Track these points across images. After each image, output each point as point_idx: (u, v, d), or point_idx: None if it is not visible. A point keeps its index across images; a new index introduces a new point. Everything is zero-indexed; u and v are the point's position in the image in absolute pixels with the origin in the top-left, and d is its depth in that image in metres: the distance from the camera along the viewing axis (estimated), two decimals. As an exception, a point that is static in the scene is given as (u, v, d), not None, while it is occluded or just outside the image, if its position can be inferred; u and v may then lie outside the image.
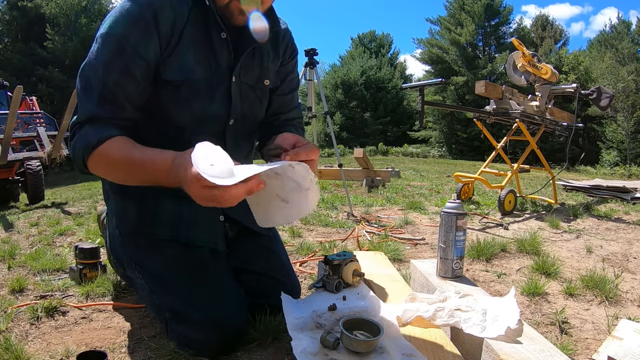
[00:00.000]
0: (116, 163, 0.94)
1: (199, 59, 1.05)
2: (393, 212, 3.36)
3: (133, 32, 0.96)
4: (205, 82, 1.06)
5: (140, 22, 0.96)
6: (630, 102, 18.55)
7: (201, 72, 1.05)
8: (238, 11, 1.02)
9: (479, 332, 0.93)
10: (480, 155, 20.41)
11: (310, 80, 3.56)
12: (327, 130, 22.01)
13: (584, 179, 7.71)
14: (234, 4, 1.01)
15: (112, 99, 0.97)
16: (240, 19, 1.04)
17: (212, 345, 1.02)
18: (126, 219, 1.17)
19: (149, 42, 0.97)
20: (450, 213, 1.25)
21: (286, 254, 1.39)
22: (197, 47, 1.04)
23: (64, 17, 19.98)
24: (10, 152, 5.07)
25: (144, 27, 0.96)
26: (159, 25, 0.97)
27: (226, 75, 1.10)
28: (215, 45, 1.07)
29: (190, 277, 1.09)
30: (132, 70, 0.97)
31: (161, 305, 1.09)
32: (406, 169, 9.81)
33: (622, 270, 1.85)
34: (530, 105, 3.58)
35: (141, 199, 1.13)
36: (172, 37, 1.00)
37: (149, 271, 1.12)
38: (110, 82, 0.96)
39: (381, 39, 34.76)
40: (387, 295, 1.20)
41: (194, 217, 1.13)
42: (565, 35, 27.81)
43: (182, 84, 1.03)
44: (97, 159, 0.95)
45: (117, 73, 0.96)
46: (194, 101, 1.06)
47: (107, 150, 0.94)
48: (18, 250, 2.19)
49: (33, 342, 1.17)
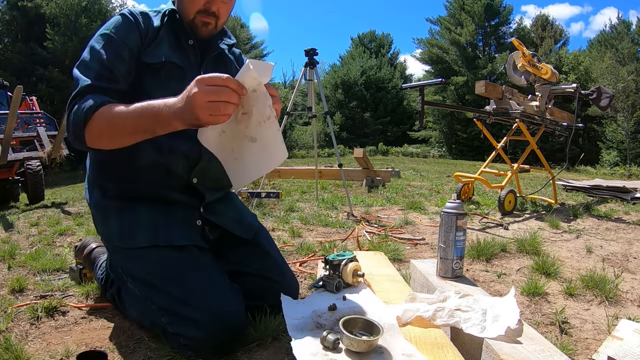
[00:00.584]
0: (119, 114, 1.03)
1: (175, 52, 1.23)
2: (393, 212, 3.36)
3: (119, 29, 1.17)
4: (180, 69, 1.21)
5: (123, 23, 1.18)
6: (630, 102, 18.54)
7: (177, 59, 1.22)
8: (201, 24, 1.22)
9: (478, 332, 0.93)
10: (480, 155, 20.41)
11: (310, 80, 3.55)
12: (327, 130, 22.03)
13: (584, 179, 7.72)
14: (198, 18, 1.21)
15: (108, 74, 1.12)
16: (203, 31, 1.23)
17: (212, 341, 1.02)
18: (110, 235, 1.20)
19: (131, 34, 1.17)
20: (450, 213, 1.25)
21: (279, 253, 1.41)
22: (171, 46, 1.22)
23: (64, 17, 19.97)
24: (10, 152, 5.06)
25: (126, 25, 1.18)
26: (139, 25, 1.19)
27: (196, 69, 1.25)
28: (186, 48, 1.25)
29: (180, 275, 1.11)
30: (121, 53, 1.15)
31: (158, 310, 1.09)
32: (406, 169, 9.81)
33: (622, 270, 1.85)
34: (530, 105, 3.58)
35: (120, 211, 1.19)
36: (149, 34, 1.20)
37: (139, 279, 1.14)
38: (105, 61, 1.12)
39: (381, 39, 34.76)
40: (387, 295, 1.20)
41: (170, 221, 1.18)
42: (565, 35, 27.83)
43: (162, 67, 1.19)
44: (98, 118, 1.04)
45: (110, 55, 1.13)
46: (172, 82, 1.18)
47: (109, 108, 1.04)
48: (18, 250, 2.19)
49: (33, 342, 1.17)
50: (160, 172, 1.18)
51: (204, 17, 1.21)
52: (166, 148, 1.17)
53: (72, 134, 1.08)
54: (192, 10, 1.20)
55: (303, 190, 4.79)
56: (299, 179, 6.05)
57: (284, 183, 5.67)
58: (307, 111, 3.68)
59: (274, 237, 2.47)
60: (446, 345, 0.92)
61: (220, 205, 1.32)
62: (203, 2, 1.19)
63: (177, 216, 1.20)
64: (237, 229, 1.31)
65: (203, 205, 1.26)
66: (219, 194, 1.32)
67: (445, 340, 0.94)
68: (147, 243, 1.14)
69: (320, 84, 3.59)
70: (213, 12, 1.21)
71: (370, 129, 29.59)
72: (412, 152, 24.37)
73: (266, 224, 2.82)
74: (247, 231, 1.33)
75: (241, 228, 1.32)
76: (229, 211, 1.34)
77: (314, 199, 4.06)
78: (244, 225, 1.33)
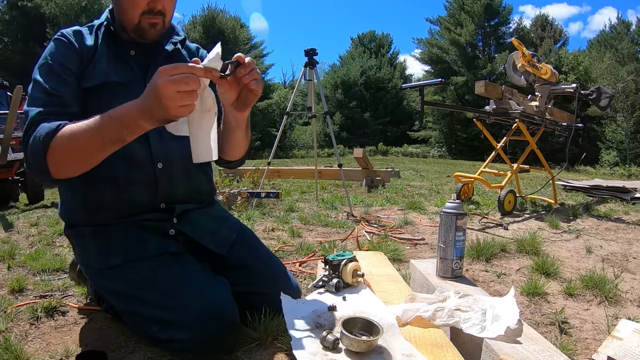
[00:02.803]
0: (80, 132, 0.96)
1: (116, 69, 1.15)
2: (393, 212, 3.36)
3: (55, 55, 1.11)
4: (125, 87, 1.14)
5: (58, 47, 1.12)
6: (630, 102, 18.54)
7: (117, 77, 1.14)
8: (149, 25, 1.13)
9: (478, 332, 0.93)
10: (480, 155, 20.40)
11: (310, 80, 3.55)
12: (327, 130, 22.03)
13: (583, 179, 7.71)
14: (143, 20, 1.13)
15: (56, 100, 1.06)
16: (152, 33, 1.15)
17: (204, 339, 1.00)
18: (88, 260, 1.18)
19: (68, 55, 1.11)
20: (449, 213, 1.26)
21: (269, 257, 1.32)
22: (110, 60, 1.16)
23: (64, 17, 19.96)
24: (10, 152, 5.06)
25: (61, 48, 1.12)
26: (74, 44, 1.13)
27: (140, 78, 1.17)
28: (129, 60, 1.18)
29: (159, 282, 1.08)
30: (64, 76, 1.09)
31: (146, 321, 1.08)
32: (406, 169, 9.81)
33: (622, 270, 1.85)
34: (530, 106, 3.58)
35: (94, 234, 1.16)
36: (86, 53, 1.13)
37: (121, 296, 1.12)
38: (49, 89, 1.07)
39: (381, 39, 34.77)
40: (387, 295, 1.20)
41: (143, 236, 1.15)
42: (565, 35, 27.85)
43: (102, 88, 1.12)
44: (59, 141, 0.97)
45: (52, 82, 1.08)
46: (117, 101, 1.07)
47: (69, 128, 0.97)
48: (18, 250, 2.19)
49: (33, 342, 1.17)
50: (125, 204, 1.15)
51: (150, 17, 1.12)
52: (123, 180, 1.13)
53: (34, 167, 1.00)
54: (135, 14, 1.12)
55: (303, 190, 4.79)
56: (299, 179, 6.05)
57: (283, 183, 5.67)
58: (307, 111, 3.68)
59: (273, 237, 2.47)
60: (446, 345, 0.92)
61: (196, 215, 1.26)
62: (146, 1, 1.10)
63: (150, 229, 1.17)
64: (211, 243, 1.23)
65: (176, 216, 1.21)
66: (192, 205, 1.26)
67: (445, 340, 0.94)
68: (120, 260, 1.12)
69: (320, 84, 3.59)
70: (159, 11, 1.13)
71: (370, 129, 29.59)
72: (412, 152, 24.40)
73: (266, 224, 2.82)
74: (221, 246, 1.24)
75: (215, 242, 1.24)
76: (205, 221, 1.26)
77: (314, 199, 4.06)
78: (218, 239, 1.25)
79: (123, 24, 1.16)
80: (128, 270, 1.11)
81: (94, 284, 1.26)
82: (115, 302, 1.16)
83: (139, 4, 1.10)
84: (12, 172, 5.68)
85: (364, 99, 30.25)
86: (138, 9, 1.11)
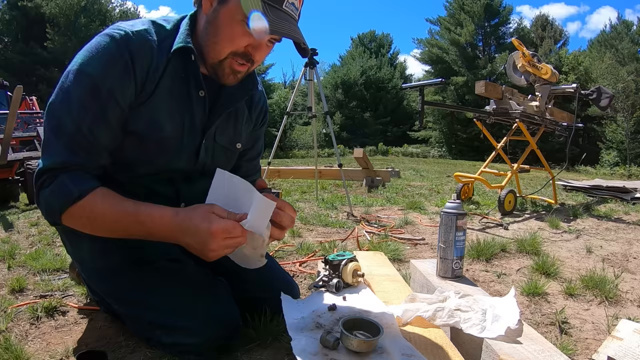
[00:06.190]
0: (103, 215, 0.91)
1: (173, 115, 1.01)
2: (393, 212, 3.36)
3: (110, 74, 0.90)
4: (174, 140, 1.02)
5: (117, 63, 0.90)
6: (630, 102, 18.56)
7: (171, 130, 1.01)
8: (230, 70, 0.98)
9: (478, 332, 0.93)
10: (480, 155, 20.40)
11: (310, 80, 3.55)
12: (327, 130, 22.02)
13: (584, 179, 7.72)
14: (229, 61, 0.96)
15: (86, 145, 0.91)
16: (230, 79, 1.00)
17: (209, 344, 1.01)
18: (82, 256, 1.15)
19: (125, 87, 0.92)
20: (450, 213, 1.25)
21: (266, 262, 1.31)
22: (172, 100, 0.99)
23: (64, 17, 19.98)
24: (10, 152, 5.06)
25: (121, 69, 0.91)
26: (136, 67, 0.92)
27: (198, 134, 1.07)
28: (193, 101, 1.03)
29: (162, 287, 1.07)
30: (108, 115, 0.91)
31: (149, 325, 1.06)
32: (406, 169, 9.81)
33: (622, 271, 1.85)
34: (530, 106, 3.58)
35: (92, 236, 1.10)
36: (146, 83, 0.95)
37: (122, 300, 1.11)
38: (84, 126, 0.90)
39: (381, 39, 34.78)
40: (387, 295, 1.20)
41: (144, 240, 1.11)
42: (565, 35, 27.86)
43: (149, 138, 0.99)
44: (78, 212, 0.90)
45: (92, 117, 0.90)
46: (160, 157, 1.02)
47: (91, 203, 0.89)
48: (18, 250, 2.19)
49: (33, 342, 1.17)
50: None
51: (239, 62, 0.96)
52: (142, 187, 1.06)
53: (45, 215, 0.94)
54: (226, 51, 0.94)
55: (303, 190, 4.79)
56: (299, 179, 6.05)
57: (283, 183, 5.67)
58: (307, 111, 3.68)
59: (273, 237, 2.47)
60: (446, 345, 0.92)
61: None
62: (245, 43, 0.93)
63: None
64: None
65: None
66: None
67: (445, 341, 0.94)
68: (120, 262, 1.09)
69: (320, 84, 3.59)
70: (251, 58, 0.96)
71: (370, 129, 29.61)
72: (412, 152, 24.40)
73: (266, 224, 2.81)
74: None
75: None
76: None
77: (314, 199, 4.06)
78: None
79: (203, 51, 0.98)
80: (129, 273, 1.09)
81: (90, 282, 1.22)
82: (115, 305, 1.15)
83: (237, 43, 0.93)
84: (12, 172, 5.68)
85: (364, 99, 30.27)
86: (233, 47, 0.94)
